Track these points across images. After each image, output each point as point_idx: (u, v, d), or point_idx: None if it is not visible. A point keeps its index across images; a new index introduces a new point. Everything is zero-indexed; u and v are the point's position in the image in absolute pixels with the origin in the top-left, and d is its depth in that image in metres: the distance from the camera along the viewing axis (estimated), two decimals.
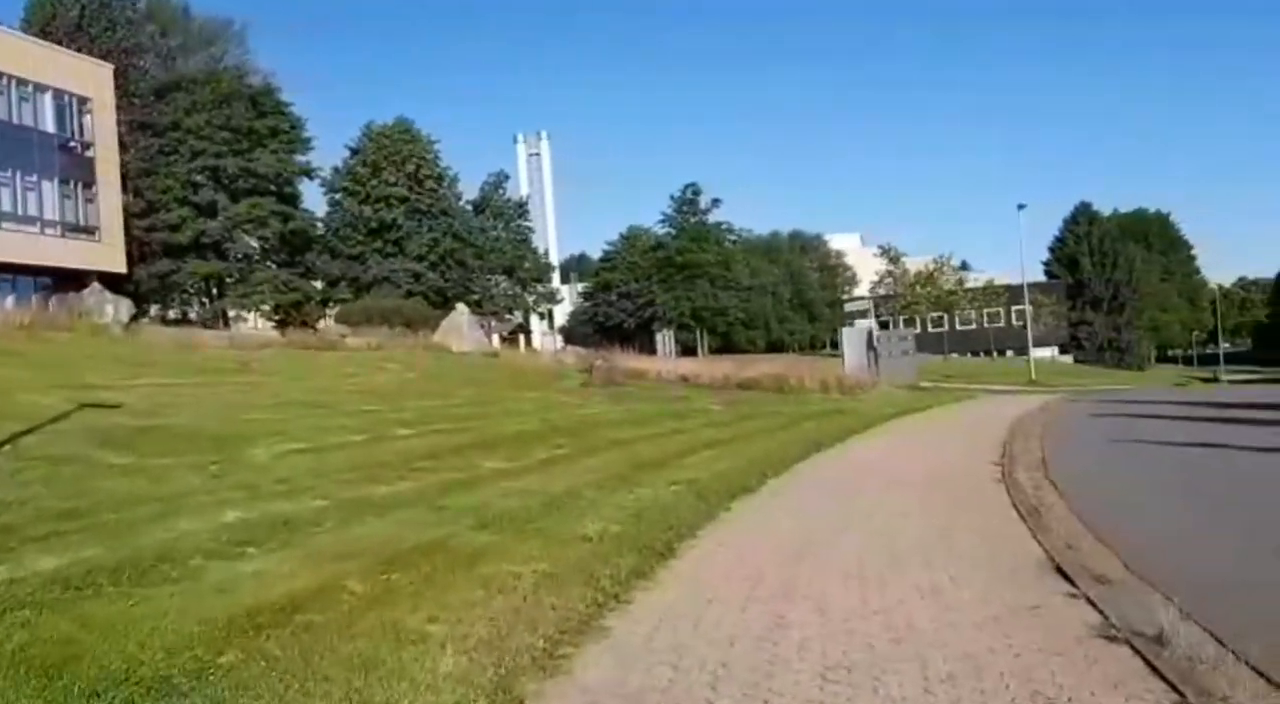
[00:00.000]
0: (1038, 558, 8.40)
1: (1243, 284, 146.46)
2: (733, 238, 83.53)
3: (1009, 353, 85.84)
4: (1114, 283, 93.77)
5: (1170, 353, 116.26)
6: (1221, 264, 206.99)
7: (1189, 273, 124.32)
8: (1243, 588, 7.37)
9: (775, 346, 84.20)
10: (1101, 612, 6.43)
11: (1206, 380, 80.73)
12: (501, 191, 72.40)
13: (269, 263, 54.99)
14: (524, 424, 20.31)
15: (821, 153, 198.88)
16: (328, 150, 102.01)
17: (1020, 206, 66.74)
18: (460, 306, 45.71)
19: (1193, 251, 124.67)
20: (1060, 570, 7.79)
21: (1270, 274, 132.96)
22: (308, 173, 56.96)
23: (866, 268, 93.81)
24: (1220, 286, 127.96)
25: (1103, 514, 10.81)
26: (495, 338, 62.82)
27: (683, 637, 6.25)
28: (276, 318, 53.03)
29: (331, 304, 58.26)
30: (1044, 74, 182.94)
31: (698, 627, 6.48)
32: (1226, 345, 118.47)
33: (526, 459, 15.29)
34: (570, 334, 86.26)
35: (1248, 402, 30.98)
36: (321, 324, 53.17)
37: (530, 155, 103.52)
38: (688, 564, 8.37)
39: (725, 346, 78.53)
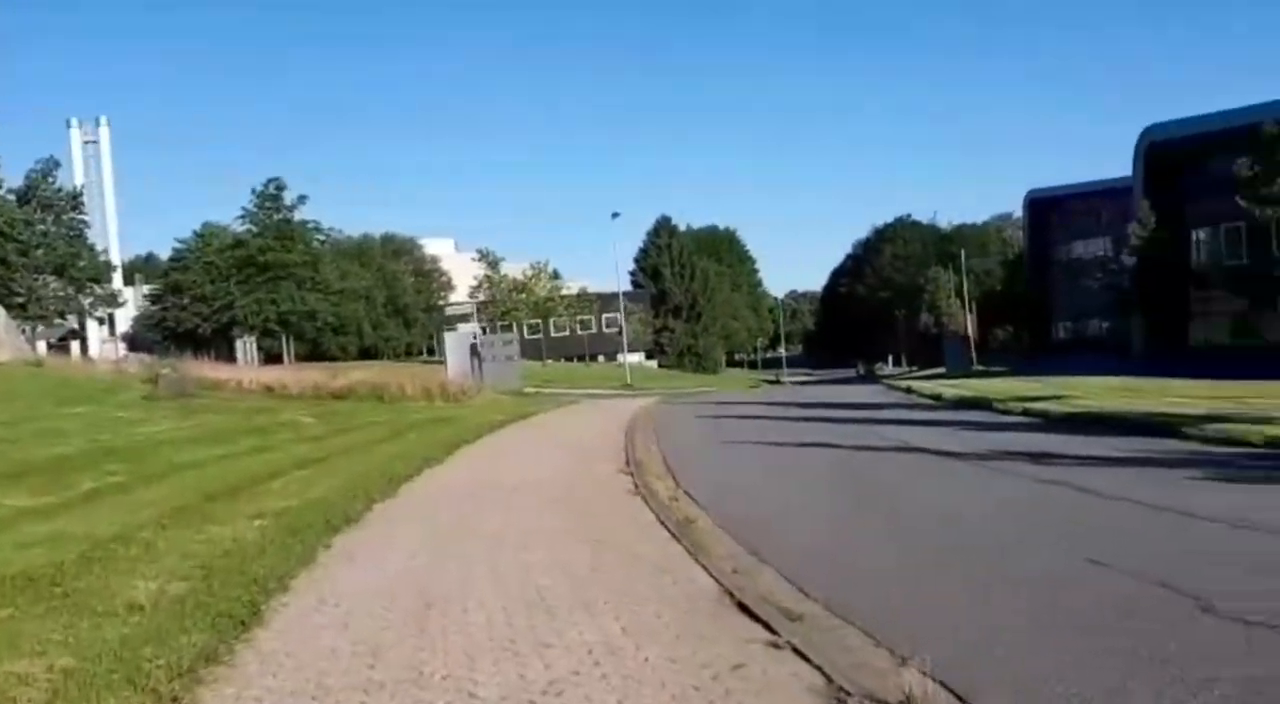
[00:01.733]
0: (710, 590, 7.16)
1: (793, 296, 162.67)
2: (321, 238, 78.68)
3: (600, 358, 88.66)
4: (692, 292, 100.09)
5: (737, 357, 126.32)
6: (778, 277, 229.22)
7: (754, 284, 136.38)
8: (931, 608, 6.57)
9: (369, 353, 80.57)
10: (820, 669, 5.20)
11: (771, 382, 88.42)
12: (51, 181, 63.37)
13: None
14: (66, 446, 16.73)
15: (413, 154, 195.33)
16: None
17: (614, 215, 69.09)
18: None
19: (756, 265, 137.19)
20: (744, 607, 6.58)
21: (815, 287, 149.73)
22: None
23: (463, 273, 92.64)
24: (778, 299, 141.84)
25: (750, 525, 9.96)
26: (42, 345, 55.19)
27: None
28: None
29: None
30: (632, 88, 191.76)
31: None
32: (782, 350, 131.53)
33: (65, 492, 12.20)
34: (135, 341, 77.47)
35: (825, 401, 33.10)
36: None
37: (86, 142, 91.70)
38: (279, 636, 6.24)
39: (314, 354, 73.88)
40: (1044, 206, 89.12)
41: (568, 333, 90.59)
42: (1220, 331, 48.95)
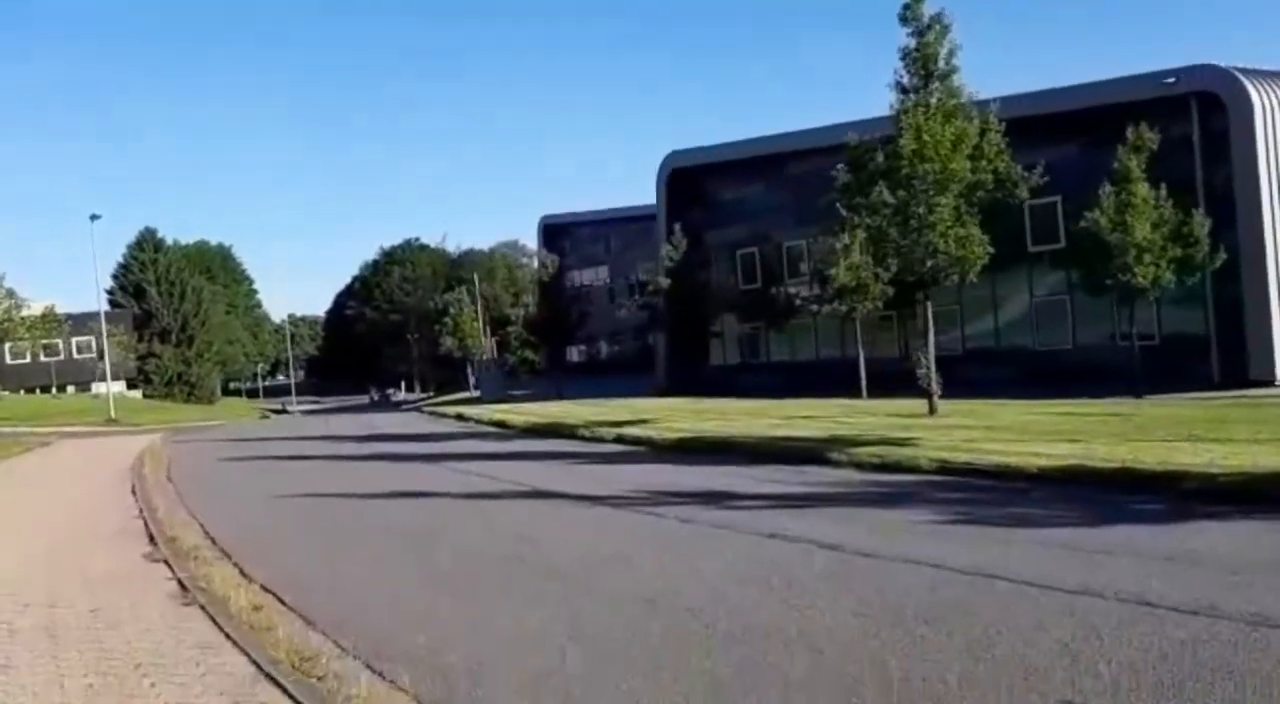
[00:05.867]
0: None
1: (294, 319, 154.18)
2: None
3: (71, 389, 75.84)
4: (182, 314, 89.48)
5: (234, 385, 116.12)
6: (278, 299, 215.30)
7: (252, 306, 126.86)
8: None
9: None
10: None
11: (278, 411, 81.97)
12: None
13: None
14: None
15: None
16: None
17: (94, 217, 58.02)
18: None
19: (255, 286, 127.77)
20: None
21: (318, 311, 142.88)
22: None
23: None
24: (280, 322, 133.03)
25: (423, 661, 5.82)
26: None
27: None
28: None
29: None
30: (112, 84, 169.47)
31: None
32: (282, 377, 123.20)
33: None
34: None
35: (379, 434, 28.42)
36: None
37: None
38: None
39: None
40: (556, 233, 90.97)
41: (28, 360, 76.30)
42: (734, 352, 51.20)
